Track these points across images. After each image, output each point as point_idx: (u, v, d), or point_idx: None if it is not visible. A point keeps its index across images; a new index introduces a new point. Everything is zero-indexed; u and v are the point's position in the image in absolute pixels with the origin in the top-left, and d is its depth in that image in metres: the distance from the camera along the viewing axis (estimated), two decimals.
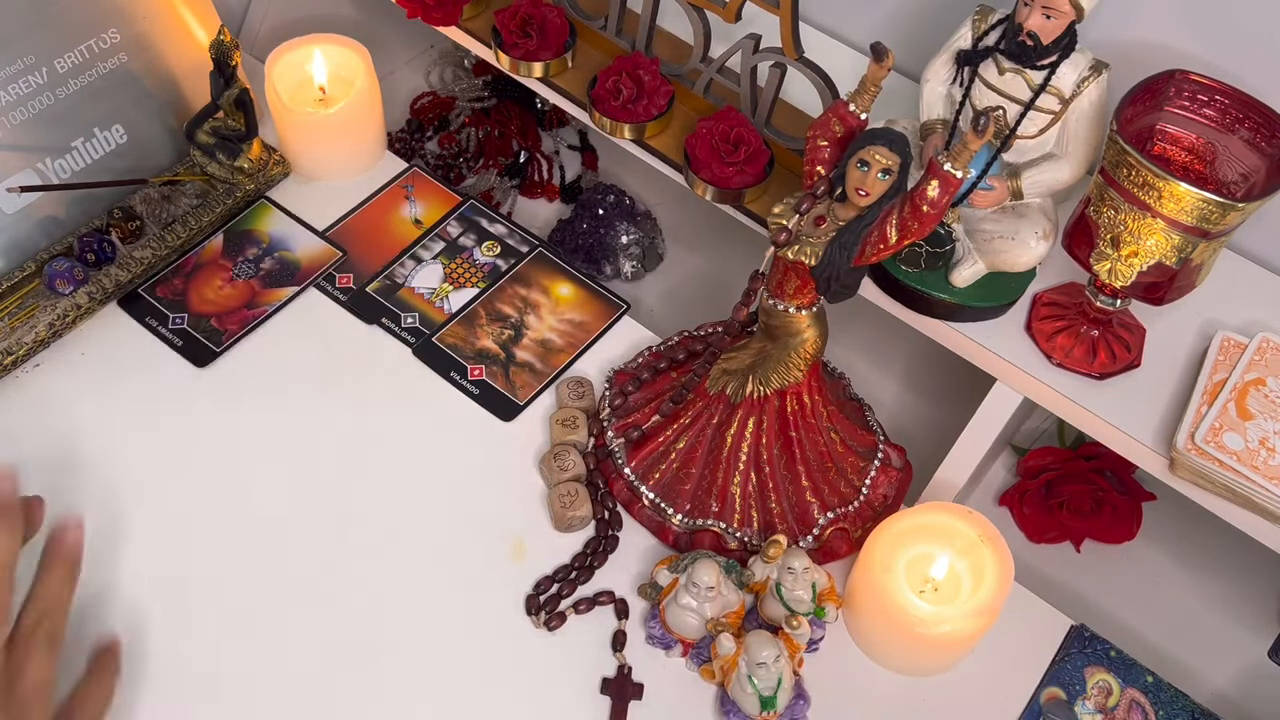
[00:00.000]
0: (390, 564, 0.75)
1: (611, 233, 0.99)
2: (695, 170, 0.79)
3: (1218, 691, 0.80)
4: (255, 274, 0.88)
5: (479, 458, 0.81)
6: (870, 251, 0.64)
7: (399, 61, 1.16)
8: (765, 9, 0.73)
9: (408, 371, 0.85)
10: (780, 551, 0.72)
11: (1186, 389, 0.71)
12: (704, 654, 0.72)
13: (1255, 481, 0.65)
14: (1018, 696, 0.73)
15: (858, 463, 0.78)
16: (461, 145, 1.08)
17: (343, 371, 0.84)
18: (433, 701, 0.70)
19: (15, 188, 0.83)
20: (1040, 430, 0.93)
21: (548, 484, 0.79)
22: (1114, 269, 0.65)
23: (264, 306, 0.87)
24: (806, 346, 0.71)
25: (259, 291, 0.87)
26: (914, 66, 0.78)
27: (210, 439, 0.80)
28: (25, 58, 0.81)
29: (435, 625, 0.73)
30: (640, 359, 0.85)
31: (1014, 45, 0.65)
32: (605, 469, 0.80)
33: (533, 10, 0.84)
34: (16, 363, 0.81)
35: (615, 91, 0.81)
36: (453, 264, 0.91)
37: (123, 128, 0.88)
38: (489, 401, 0.84)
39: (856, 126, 0.64)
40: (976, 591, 0.70)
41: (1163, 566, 0.87)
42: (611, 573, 0.76)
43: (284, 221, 0.92)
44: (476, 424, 0.83)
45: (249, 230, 0.91)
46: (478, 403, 0.84)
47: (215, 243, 0.90)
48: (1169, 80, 0.64)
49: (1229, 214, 0.59)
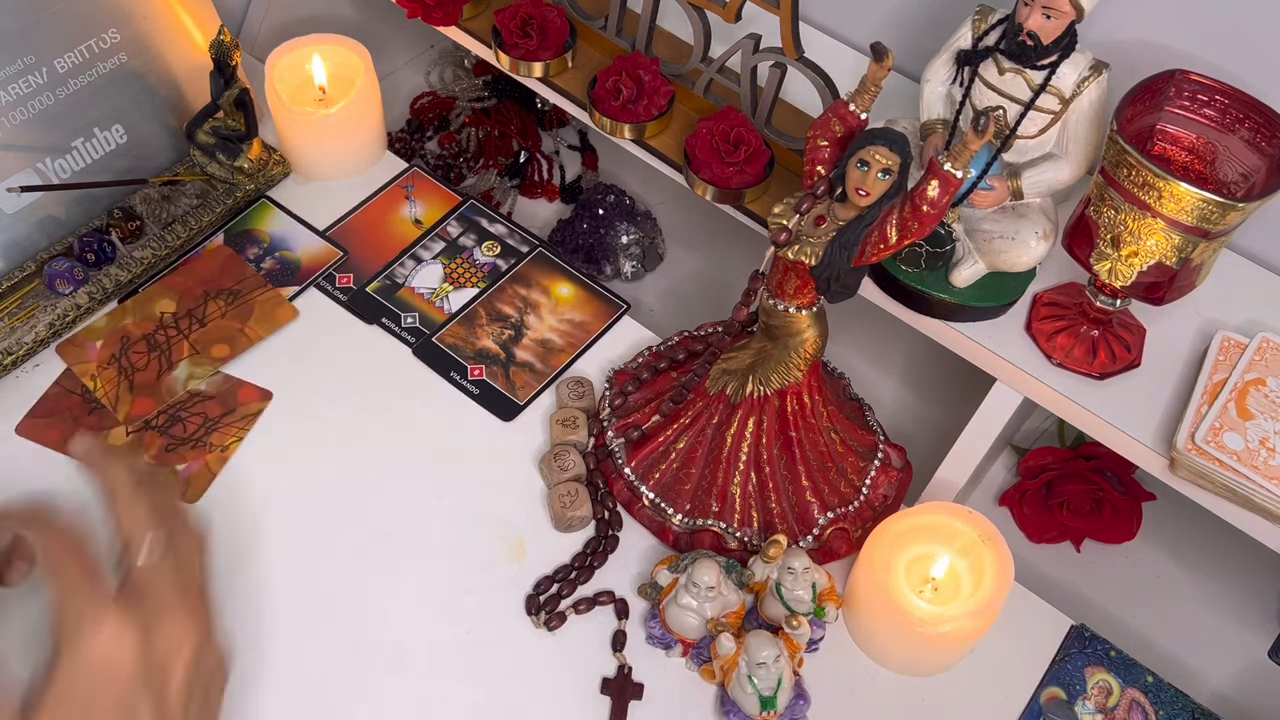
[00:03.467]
0: (390, 563, 0.75)
1: (611, 233, 0.99)
2: (695, 170, 0.79)
3: (1218, 691, 0.80)
4: (256, 273, 0.88)
5: (479, 458, 0.81)
6: (870, 251, 0.64)
7: (399, 61, 1.16)
8: (765, 9, 0.73)
9: (408, 371, 0.85)
10: (780, 551, 0.72)
11: (1186, 389, 0.71)
12: (704, 654, 0.72)
13: (1255, 481, 0.65)
14: (1018, 696, 0.73)
15: (858, 463, 0.78)
16: (461, 145, 1.08)
17: (342, 371, 0.84)
18: (433, 701, 0.70)
19: (15, 188, 0.83)
20: (1040, 430, 0.93)
21: (548, 484, 0.79)
22: (1114, 269, 0.65)
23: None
24: (806, 346, 0.71)
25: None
26: (914, 66, 0.78)
27: None
28: (25, 58, 0.81)
29: (435, 625, 0.73)
30: (640, 359, 0.85)
31: (1014, 45, 0.65)
32: (605, 469, 0.80)
33: (533, 10, 0.84)
34: (16, 363, 0.81)
35: (615, 91, 0.81)
36: (453, 264, 0.91)
37: (123, 128, 0.88)
38: (489, 401, 0.84)
39: (856, 126, 0.64)
40: (976, 591, 0.70)
41: (1163, 566, 0.87)
42: (611, 573, 0.76)
43: (285, 221, 0.92)
44: (476, 424, 0.83)
45: (250, 230, 0.91)
46: (478, 403, 0.84)
47: (216, 242, 0.90)
48: (1169, 80, 0.64)
49: (1229, 214, 0.59)
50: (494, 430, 0.82)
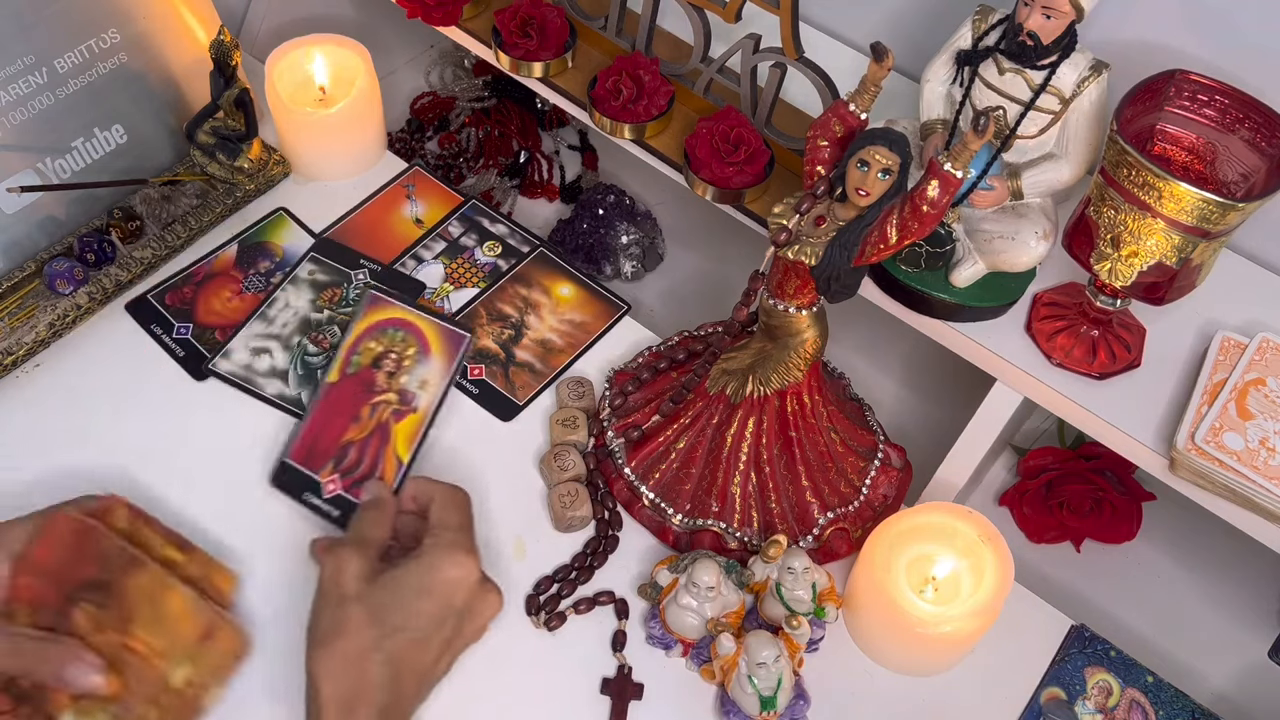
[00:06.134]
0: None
1: (611, 233, 0.99)
2: (695, 170, 0.79)
3: (1218, 691, 0.80)
4: (265, 288, 0.88)
5: (479, 458, 0.81)
6: (870, 251, 0.64)
7: (399, 61, 1.16)
8: (765, 9, 0.73)
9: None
10: (780, 551, 0.72)
11: (1186, 389, 0.71)
12: (704, 654, 0.72)
13: (1255, 481, 0.65)
14: (1018, 696, 0.73)
15: (858, 463, 0.78)
16: (461, 145, 1.08)
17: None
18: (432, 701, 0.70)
19: (15, 188, 0.83)
20: (1040, 430, 0.93)
21: (548, 484, 0.79)
22: (1114, 269, 0.65)
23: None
24: (806, 346, 0.71)
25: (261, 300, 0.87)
26: (914, 66, 0.78)
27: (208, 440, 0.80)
28: (25, 58, 0.81)
29: None
30: (640, 359, 0.85)
31: (1014, 45, 0.65)
32: (605, 469, 0.80)
33: (533, 10, 0.84)
34: (16, 363, 0.81)
35: (615, 91, 0.81)
36: (454, 264, 0.91)
37: (123, 128, 0.88)
38: (489, 401, 0.84)
39: (856, 126, 0.64)
40: (976, 591, 0.70)
41: (1163, 566, 0.87)
42: (611, 573, 0.76)
43: (299, 235, 0.91)
44: (476, 424, 0.83)
45: (263, 243, 0.90)
46: (478, 403, 0.84)
47: (229, 253, 0.89)
48: (1169, 80, 0.64)
49: (1229, 214, 0.59)
50: (494, 430, 0.82)
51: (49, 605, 0.62)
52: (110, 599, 0.63)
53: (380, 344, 0.79)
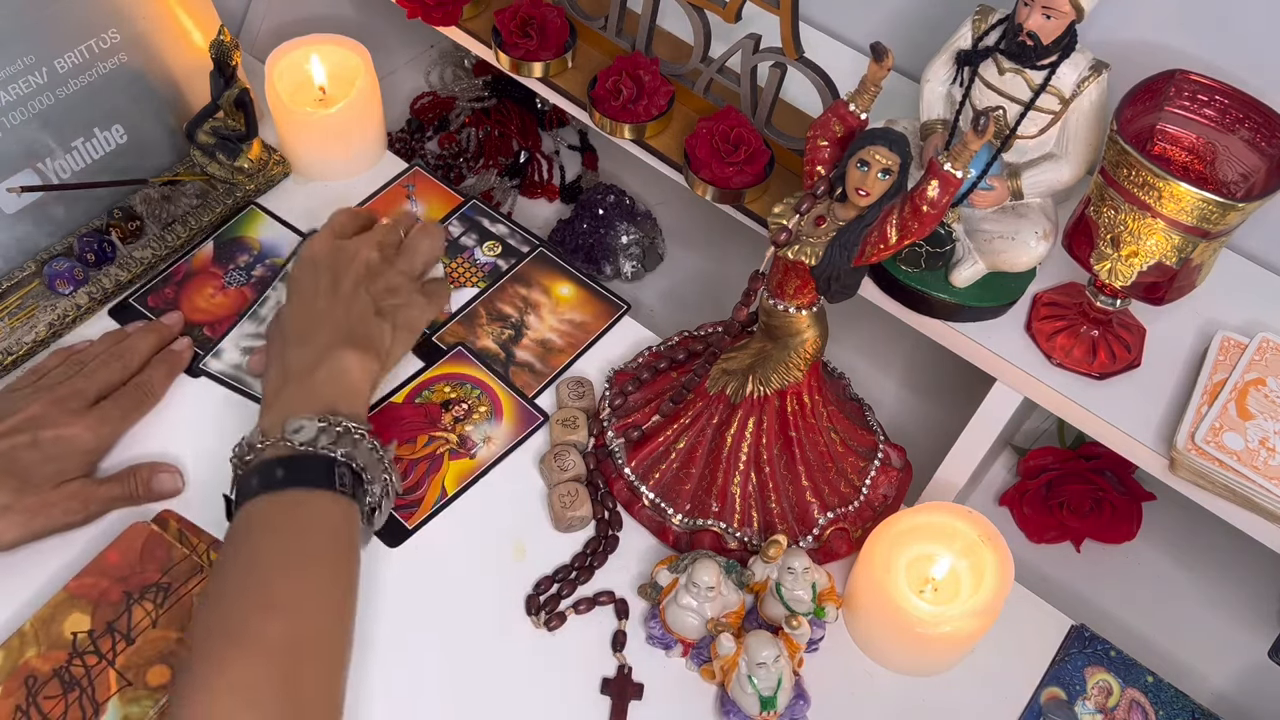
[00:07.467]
0: (389, 563, 0.75)
1: (611, 233, 0.99)
2: (695, 170, 0.79)
3: (1218, 691, 0.80)
4: (247, 281, 0.88)
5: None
6: (870, 251, 0.64)
7: (399, 61, 1.16)
8: (765, 9, 0.73)
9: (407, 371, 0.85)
10: (780, 551, 0.72)
11: (1186, 389, 0.71)
12: (704, 654, 0.72)
13: (1255, 481, 0.65)
14: (1018, 696, 0.73)
15: (858, 463, 0.78)
16: (461, 145, 1.08)
17: None
18: (433, 701, 0.70)
19: (15, 188, 0.83)
20: (1040, 430, 0.93)
21: (548, 484, 0.79)
22: (1114, 269, 0.65)
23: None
24: (806, 346, 0.71)
25: (252, 299, 0.87)
26: (914, 66, 0.78)
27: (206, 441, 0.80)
28: (25, 58, 0.81)
29: (435, 625, 0.73)
30: (640, 359, 0.85)
31: (1014, 45, 0.65)
32: (605, 469, 0.80)
33: (533, 10, 0.84)
34: (16, 363, 0.81)
35: (615, 91, 0.81)
36: (453, 263, 0.91)
37: (123, 128, 0.88)
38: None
39: (856, 126, 0.64)
40: (976, 591, 0.70)
41: (1163, 566, 0.87)
42: (611, 573, 0.76)
43: (274, 227, 0.91)
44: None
45: (239, 237, 0.91)
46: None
47: (205, 251, 0.89)
48: (1169, 80, 0.64)
49: (1229, 214, 0.59)
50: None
51: (111, 602, 0.69)
52: (169, 599, 0.70)
53: (455, 393, 0.82)
